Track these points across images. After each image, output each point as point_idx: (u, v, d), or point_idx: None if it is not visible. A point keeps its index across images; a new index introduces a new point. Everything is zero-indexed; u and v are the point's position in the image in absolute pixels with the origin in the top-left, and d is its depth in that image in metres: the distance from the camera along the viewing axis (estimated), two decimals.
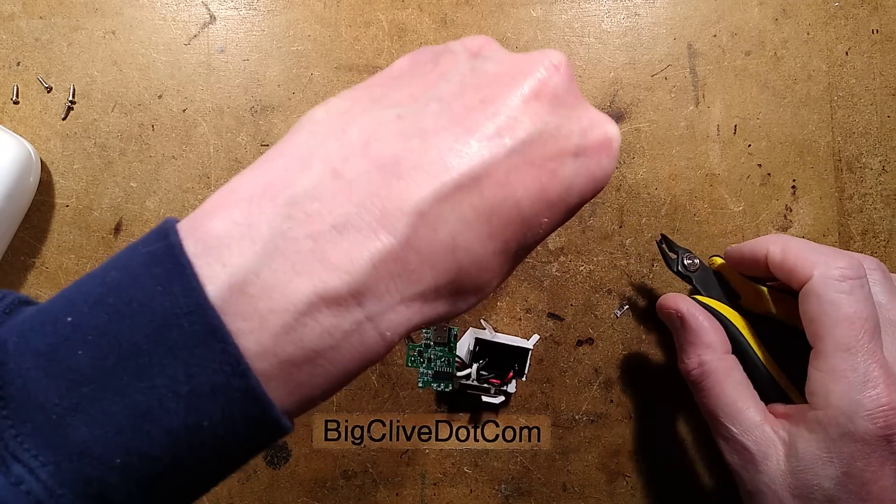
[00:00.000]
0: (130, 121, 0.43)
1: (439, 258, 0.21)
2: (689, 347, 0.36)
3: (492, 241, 0.22)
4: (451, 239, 0.21)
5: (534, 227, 0.23)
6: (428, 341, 0.39)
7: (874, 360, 0.30)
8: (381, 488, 0.43)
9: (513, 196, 0.22)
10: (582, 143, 0.24)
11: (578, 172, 0.24)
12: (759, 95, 0.44)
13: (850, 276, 0.31)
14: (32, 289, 0.43)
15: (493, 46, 0.26)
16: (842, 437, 0.30)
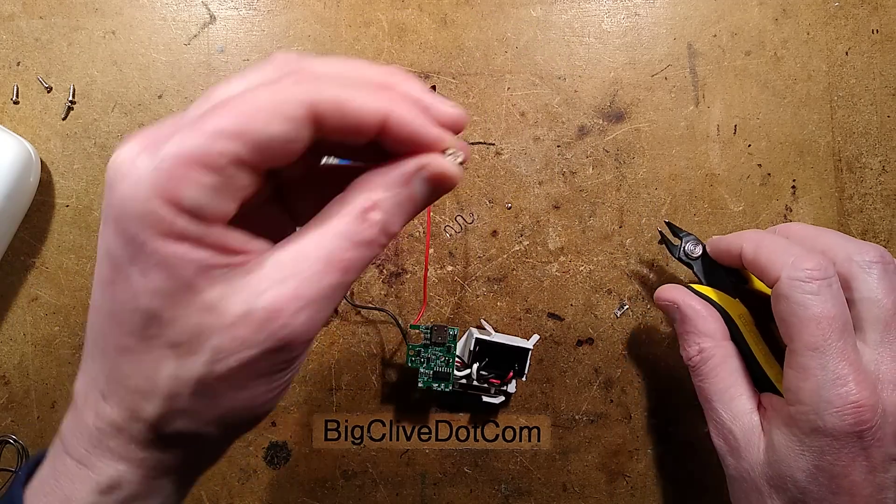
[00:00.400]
0: (130, 121, 0.43)
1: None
2: (688, 336, 0.37)
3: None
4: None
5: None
6: (427, 341, 0.39)
7: (843, 358, 0.30)
8: (381, 488, 0.43)
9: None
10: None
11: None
12: (759, 95, 0.44)
13: (816, 277, 0.31)
14: (32, 289, 0.43)
15: None
16: (812, 433, 0.30)
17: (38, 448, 0.42)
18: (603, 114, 0.44)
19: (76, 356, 0.43)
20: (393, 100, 0.22)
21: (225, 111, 0.20)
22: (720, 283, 0.39)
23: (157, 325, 0.21)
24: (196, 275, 0.21)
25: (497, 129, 0.44)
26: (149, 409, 0.22)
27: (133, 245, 0.20)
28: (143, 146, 0.20)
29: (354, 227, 0.22)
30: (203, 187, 0.20)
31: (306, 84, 0.21)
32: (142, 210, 0.20)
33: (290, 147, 0.21)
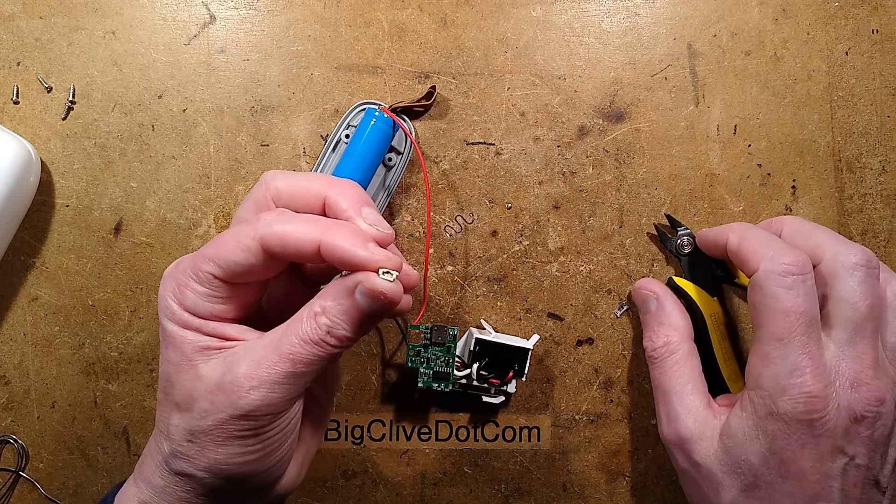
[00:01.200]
0: (130, 121, 0.43)
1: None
2: (658, 327, 0.40)
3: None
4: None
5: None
6: (427, 341, 0.39)
7: (805, 351, 0.32)
8: (381, 488, 0.43)
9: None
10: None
11: None
12: (759, 95, 0.44)
13: (792, 272, 0.33)
14: (32, 289, 0.43)
15: None
16: (767, 416, 0.33)
17: (37, 448, 0.42)
18: (603, 114, 0.44)
19: (76, 356, 0.43)
20: (326, 229, 0.27)
21: (213, 244, 0.28)
22: (703, 280, 0.42)
23: (170, 386, 0.29)
24: (194, 352, 0.29)
25: (497, 129, 0.44)
26: (165, 446, 0.30)
27: (162, 328, 0.30)
28: (175, 263, 0.30)
29: (305, 327, 0.28)
30: (196, 293, 0.29)
31: (262, 223, 0.28)
32: (164, 305, 0.29)
33: (253, 270, 0.28)
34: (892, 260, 0.44)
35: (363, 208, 0.29)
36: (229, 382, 0.28)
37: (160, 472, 0.30)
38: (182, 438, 0.29)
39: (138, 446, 0.43)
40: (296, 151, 0.43)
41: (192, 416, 0.28)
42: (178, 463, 0.29)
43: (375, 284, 0.27)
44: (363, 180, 0.40)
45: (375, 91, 0.43)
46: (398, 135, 0.42)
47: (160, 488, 0.30)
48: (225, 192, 0.43)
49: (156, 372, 0.43)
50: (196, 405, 0.28)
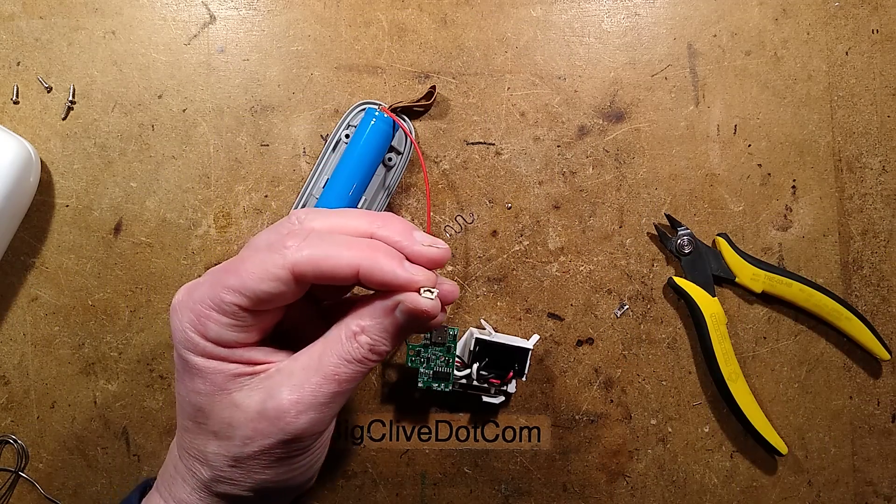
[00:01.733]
0: (130, 121, 0.43)
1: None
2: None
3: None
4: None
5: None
6: (427, 341, 0.39)
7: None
8: (381, 488, 0.43)
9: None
10: None
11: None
12: (759, 95, 0.44)
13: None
14: (32, 289, 0.43)
15: None
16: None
17: (37, 448, 0.42)
18: (603, 114, 0.44)
19: (76, 356, 0.43)
20: (364, 252, 0.27)
21: (234, 272, 0.27)
22: (703, 280, 0.42)
23: (202, 416, 0.29)
24: (226, 381, 0.28)
25: (497, 129, 0.44)
26: (203, 472, 0.30)
27: (182, 360, 0.29)
28: (185, 291, 0.29)
29: (347, 347, 0.28)
30: (220, 324, 0.28)
31: (291, 250, 0.27)
32: (184, 337, 0.28)
33: (281, 297, 0.27)
34: (893, 260, 0.44)
35: (413, 233, 0.29)
36: (273, 409, 0.27)
37: (199, 494, 0.30)
38: (224, 465, 0.29)
39: (138, 446, 0.43)
40: (296, 151, 0.43)
41: (234, 443, 0.28)
42: (222, 486, 0.30)
43: (418, 304, 0.27)
44: (363, 180, 0.40)
45: (375, 91, 0.43)
46: (398, 135, 0.42)
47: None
48: (225, 192, 0.43)
49: (156, 372, 0.43)
50: (236, 433, 0.28)
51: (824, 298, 0.42)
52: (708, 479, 0.43)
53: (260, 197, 0.43)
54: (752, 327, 0.44)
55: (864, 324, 0.42)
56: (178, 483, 0.31)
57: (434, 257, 0.28)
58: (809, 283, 0.42)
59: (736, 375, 0.42)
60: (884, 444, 0.43)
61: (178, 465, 0.31)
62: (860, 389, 0.44)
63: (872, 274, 0.44)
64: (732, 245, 0.43)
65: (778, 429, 0.43)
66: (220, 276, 0.28)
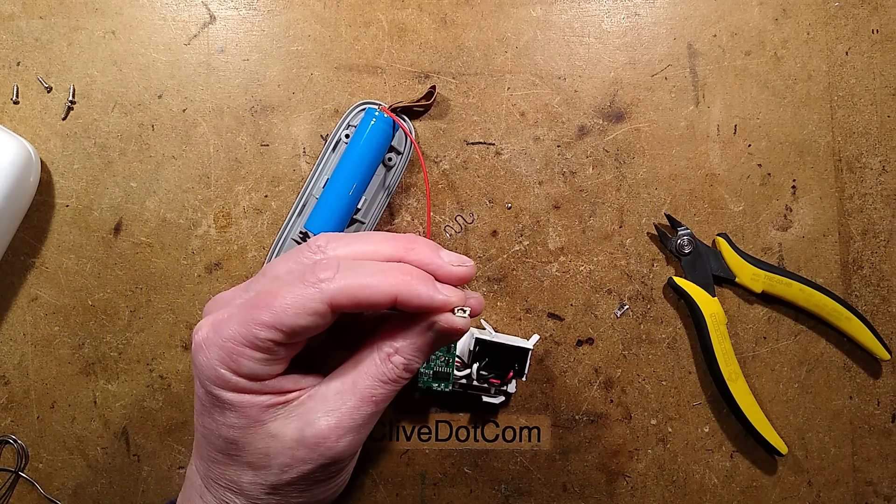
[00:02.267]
0: (130, 121, 0.43)
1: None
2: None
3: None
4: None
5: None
6: None
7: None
8: (381, 488, 0.43)
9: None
10: None
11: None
12: (759, 95, 0.44)
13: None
14: (32, 289, 0.43)
15: None
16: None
17: (37, 448, 0.42)
18: (603, 114, 0.44)
19: (76, 356, 0.43)
20: (400, 279, 0.27)
21: (266, 307, 0.27)
22: (703, 280, 0.42)
23: (235, 449, 0.29)
24: (260, 413, 0.28)
25: (497, 129, 0.44)
26: (237, 501, 0.30)
27: (212, 395, 0.28)
28: (211, 328, 0.28)
29: (382, 368, 0.28)
30: (253, 360, 0.27)
31: (326, 283, 0.27)
32: (214, 374, 0.28)
33: (317, 329, 0.27)
34: (893, 260, 0.44)
35: (440, 254, 0.29)
36: (312, 436, 0.28)
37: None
38: (261, 493, 0.29)
39: (138, 446, 0.43)
40: (296, 151, 0.43)
41: (271, 472, 0.29)
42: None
43: (454, 324, 0.28)
44: (363, 180, 0.40)
45: (375, 91, 0.43)
46: (398, 135, 0.42)
47: None
48: (225, 192, 0.43)
49: (156, 372, 0.43)
50: (274, 462, 0.28)
51: (824, 298, 0.42)
52: (708, 479, 0.43)
53: (260, 197, 0.43)
54: (752, 327, 0.44)
55: (864, 324, 0.42)
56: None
57: (463, 276, 0.29)
58: (809, 283, 0.42)
59: (736, 375, 0.42)
60: (884, 444, 0.43)
61: (204, 495, 0.31)
62: (860, 389, 0.44)
63: (872, 274, 0.44)
64: (732, 245, 0.43)
65: (778, 429, 0.43)
66: (250, 312, 0.27)
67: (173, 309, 0.43)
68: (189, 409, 0.43)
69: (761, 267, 0.42)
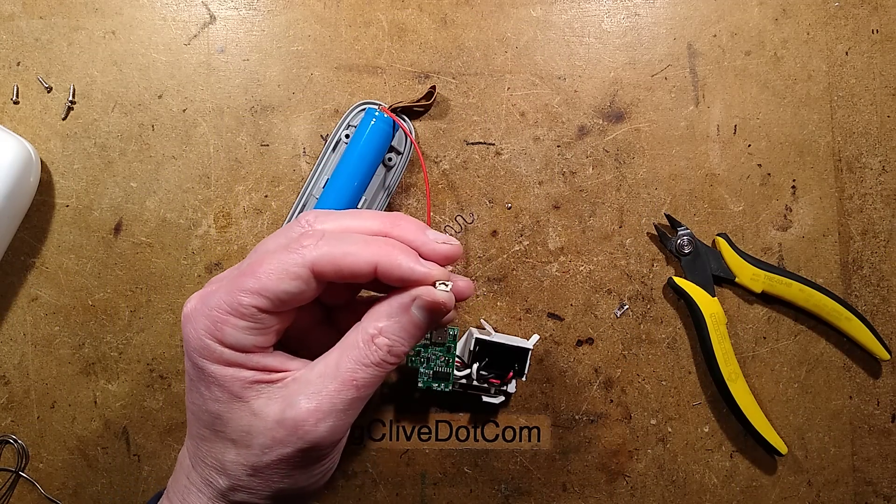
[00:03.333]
0: (130, 121, 0.43)
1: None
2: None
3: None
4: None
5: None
6: (427, 341, 0.39)
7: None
8: (381, 488, 0.43)
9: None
10: None
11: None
12: (759, 95, 0.44)
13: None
14: (33, 289, 0.43)
15: None
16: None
17: (37, 448, 0.42)
18: (603, 114, 0.44)
19: (76, 356, 0.43)
20: (381, 249, 0.27)
21: (251, 274, 0.27)
22: (703, 280, 0.42)
23: (221, 424, 0.29)
24: (243, 388, 0.28)
25: (497, 129, 0.44)
26: (220, 481, 0.29)
27: (198, 368, 0.28)
28: (198, 299, 0.28)
29: (364, 351, 0.28)
30: (238, 329, 0.27)
31: (308, 249, 0.27)
32: (200, 345, 0.28)
33: (300, 297, 0.27)
34: (893, 260, 0.44)
35: (426, 231, 0.29)
36: (292, 419, 0.27)
37: (215, 503, 0.30)
38: (243, 474, 0.29)
39: (138, 446, 0.43)
40: (296, 151, 0.43)
41: (252, 452, 0.28)
42: (239, 495, 0.29)
43: (435, 296, 0.28)
44: (363, 180, 0.40)
45: (375, 91, 0.43)
46: (398, 135, 0.42)
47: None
48: (225, 192, 0.43)
49: (156, 372, 0.43)
50: (255, 441, 0.28)
51: (824, 298, 0.42)
52: (708, 479, 0.43)
53: (260, 197, 0.43)
54: (752, 327, 0.44)
55: (863, 324, 0.42)
56: (193, 493, 0.31)
57: (447, 253, 0.29)
58: (809, 283, 0.42)
59: (736, 375, 0.42)
60: (883, 444, 0.43)
61: (191, 476, 0.31)
62: (860, 389, 0.44)
63: (872, 274, 0.44)
64: (732, 245, 0.43)
65: (778, 429, 0.43)
66: (235, 280, 0.27)
67: (173, 309, 0.43)
68: None
69: (761, 267, 0.42)
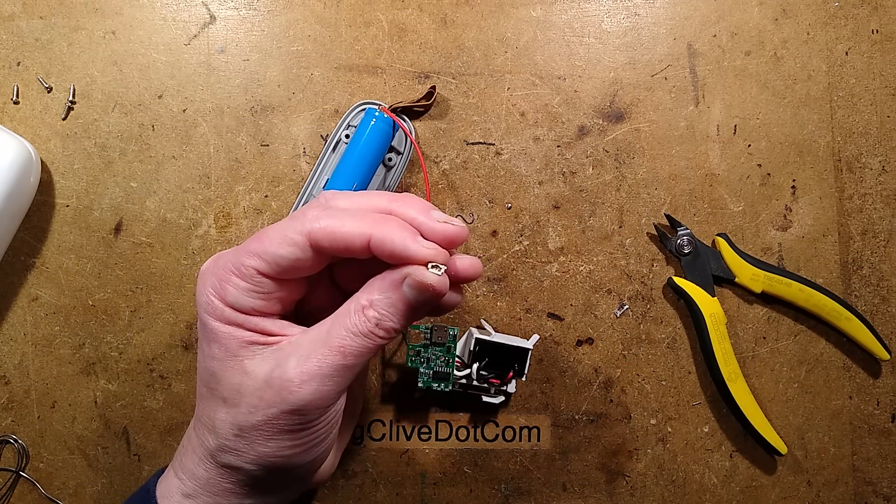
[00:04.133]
0: (130, 121, 0.43)
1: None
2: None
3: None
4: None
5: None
6: (427, 341, 0.39)
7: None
8: (381, 488, 0.43)
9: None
10: None
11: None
12: (759, 95, 0.44)
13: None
14: (33, 289, 0.43)
15: None
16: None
17: (37, 448, 0.42)
18: (603, 114, 0.44)
19: (76, 356, 0.43)
20: (377, 224, 0.28)
21: (257, 238, 0.29)
22: (703, 280, 0.42)
23: (215, 381, 0.30)
24: (239, 348, 0.29)
25: (497, 129, 0.44)
26: (210, 440, 0.30)
27: (202, 324, 0.30)
28: (213, 259, 0.30)
29: (354, 320, 0.28)
30: (239, 289, 0.29)
31: (309, 219, 0.28)
32: (205, 301, 0.29)
33: (298, 263, 0.28)
34: (892, 260, 0.44)
35: (430, 211, 0.29)
36: (278, 378, 0.28)
37: (204, 464, 0.31)
38: (230, 433, 0.29)
39: (138, 446, 0.43)
40: (296, 151, 0.43)
41: (240, 411, 0.29)
42: (226, 457, 0.30)
43: (424, 277, 0.27)
44: (363, 180, 0.40)
45: (375, 91, 0.43)
46: (398, 135, 0.42)
47: (204, 480, 0.31)
48: (225, 192, 0.43)
49: (156, 372, 0.43)
50: (244, 401, 0.29)
51: (824, 298, 0.42)
52: (708, 478, 0.43)
53: (260, 197, 0.43)
54: (752, 327, 0.44)
55: (863, 324, 0.42)
56: (189, 453, 0.32)
57: (449, 234, 0.29)
58: (809, 283, 0.42)
59: (735, 375, 0.42)
60: (883, 444, 0.44)
61: (190, 436, 0.32)
62: (860, 389, 0.44)
63: (872, 274, 0.44)
64: (732, 245, 0.43)
65: (777, 429, 0.43)
66: (245, 244, 0.29)
67: (174, 309, 0.43)
68: (189, 409, 0.43)
69: (761, 267, 0.42)
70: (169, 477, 0.32)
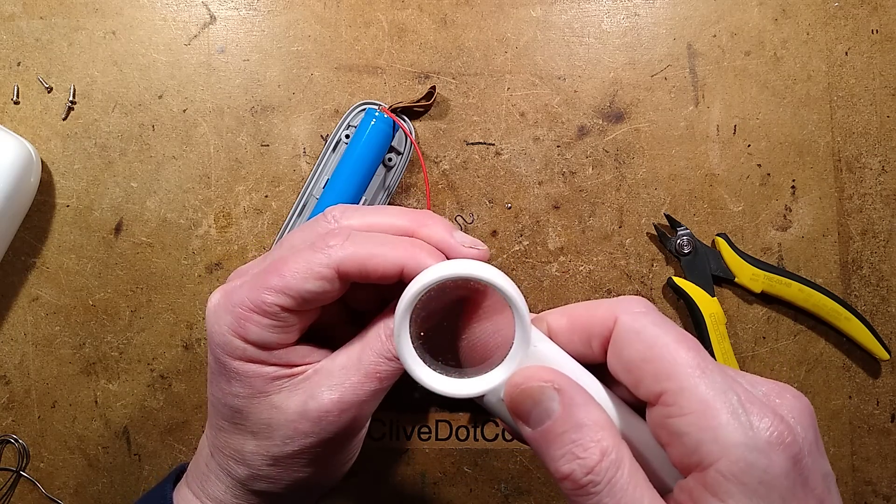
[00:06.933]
0: (131, 121, 0.43)
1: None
2: (579, 433, 0.23)
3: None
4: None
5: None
6: None
7: (727, 375, 0.22)
8: (381, 488, 0.43)
9: None
10: None
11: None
12: (759, 95, 0.44)
13: (649, 310, 0.24)
14: (33, 288, 0.43)
15: None
16: (761, 483, 0.21)
17: (38, 447, 0.43)
18: (603, 114, 0.44)
19: (76, 356, 0.43)
20: (408, 252, 0.27)
21: (276, 272, 0.27)
22: (703, 280, 0.42)
23: (240, 417, 0.29)
24: (265, 384, 0.28)
25: (497, 129, 0.44)
26: (239, 471, 0.30)
27: (220, 364, 0.28)
28: (223, 294, 0.28)
29: (388, 345, 0.28)
30: (262, 326, 0.27)
31: (335, 249, 0.27)
32: (223, 341, 0.28)
33: (324, 296, 0.27)
34: (892, 260, 0.44)
35: (453, 233, 0.29)
36: (315, 410, 0.28)
37: (234, 492, 0.31)
38: (263, 464, 0.29)
39: (139, 446, 0.43)
40: (296, 151, 0.43)
41: (273, 443, 0.28)
42: (259, 484, 0.30)
43: None
44: (363, 180, 0.40)
45: (375, 91, 0.43)
46: (398, 135, 0.42)
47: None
48: (225, 192, 0.43)
49: (156, 371, 0.43)
50: (276, 433, 0.28)
51: (824, 298, 0.42)
52: None
53: (260, 197, 0.43)
54: (752, 327, 0.44)
55: (863, 324, 0.42)
56: (212, 481, 0.31)
57: (474, 258, 0.29)
58: (809, 283, 0.42)
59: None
60: (883, 444, 0.44)
61: (210, 463, 0.31)
62: (859, 389, 0.44)
63: (872, 274, 0.44)
64: (732, 245, 0.43)
65: None
66: (260, 277, 0.27)
67: (174, 309, 0.43)
68: (190, 409, 0.43)
69: (761, 267, 0.42)
70: (189, 498, 0.32)
